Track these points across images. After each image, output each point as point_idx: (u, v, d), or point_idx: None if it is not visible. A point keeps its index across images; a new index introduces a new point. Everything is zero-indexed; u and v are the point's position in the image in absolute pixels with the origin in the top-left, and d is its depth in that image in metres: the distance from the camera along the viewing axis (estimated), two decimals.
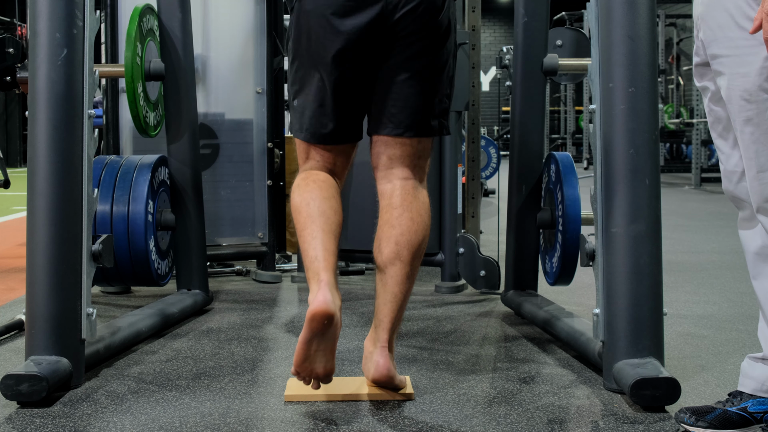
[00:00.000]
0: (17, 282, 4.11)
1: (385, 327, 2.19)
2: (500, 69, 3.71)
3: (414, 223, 2.21)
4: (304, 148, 2.31)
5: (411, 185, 2.25)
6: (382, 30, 2.15)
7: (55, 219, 2.37)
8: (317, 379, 2.07)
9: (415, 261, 2.21)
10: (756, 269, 1.98)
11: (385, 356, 2.18)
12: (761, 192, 1.88)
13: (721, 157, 2.02)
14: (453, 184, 3.81)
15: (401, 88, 2.21)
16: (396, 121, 2.23)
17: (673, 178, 12.59)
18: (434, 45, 2.21)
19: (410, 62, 2.19)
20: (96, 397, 2.28)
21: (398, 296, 2.19)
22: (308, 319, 1.97)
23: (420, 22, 2.16)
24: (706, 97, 2.03)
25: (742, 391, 1.98)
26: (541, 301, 3.23)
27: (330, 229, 2.14)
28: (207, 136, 4.04)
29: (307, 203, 2.18)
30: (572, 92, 16.87)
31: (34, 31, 2.43)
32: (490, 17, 22.61)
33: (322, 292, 2.00)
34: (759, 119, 1.85)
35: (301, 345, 2.00)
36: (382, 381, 2.19)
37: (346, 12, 2.14)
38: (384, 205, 2.25)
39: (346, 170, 2.35)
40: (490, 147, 5.86)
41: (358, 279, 4.23)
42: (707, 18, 1.93)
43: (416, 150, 2.27)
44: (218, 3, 4.12)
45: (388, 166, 2.27)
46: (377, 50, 2.18)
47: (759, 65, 1.83)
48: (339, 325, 2.02)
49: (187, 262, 3.44)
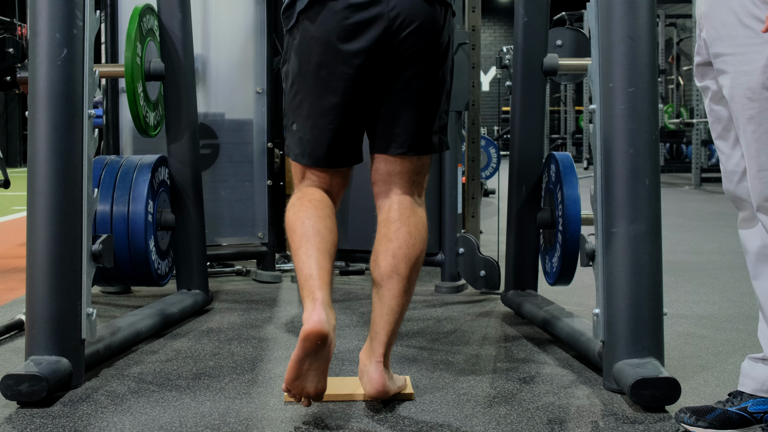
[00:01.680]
0: (17, 282, 4.11)
1: (381, 341, 2.18)
2: (500, 69, 3.71)
3: (411, 237, 2.20)
4: (300, 168, 2.28)
5: (409, 201, 2.25)
6: (386, 51, 2.13)
7: (55, 219, 2.37)
8: (308, 397, 2.05)
9: (413, 275, 2.20)
10: (756, 269, 1.98)
11: (380, 372, 2.17)
12: (761, 191, 1.88)
13: (721, 158, 2.02)
14: (453, 184, 3.81)
15: (404, 107, 2.20)
16: (399, 141, 2.22)
17: (673, 178, 12.59)
18: (436, 64, 2.20)
19: (412, 82, 2.18)
20: (96, 397, 2.28)
21: (395, 309, 2.18)
22: (302, 338, 1.96)
23: (422, 43, 2.15)
24: (707, 97, 2.03)
25: (743, 391, 1.98)
26: (541, 301, 3.23)
27: (325, 248, 2.12)
28: (207, 136, 4.04)
29: (302, 222, 2.16)
30: (572, 92, 16.87)
31: (34, 31, 2.43)
32: (490, 17, 22.61)
33: (317, 312, 1.98)
34: (761, 117, 1.85)
35: (293, 363, 1.98)
36: (378, 397, 2.19)
37: (348, 36, 2.11)
38: (382, 219, 2.25)
39: (342, 191, 2.33)
40: (490, 147, 5.86)
41: (358, 279, 4.23)
42: (711, 16, 1.93)
43: (416, 167, 2.27)
44: (218, 3, 4.12)
45: (388, 182, 2.26)
46: (381, 72, 2.16)
47: (762, 63, 1.83)
48: (332, 345, 2.01)
49: (187, 262, 3.44)
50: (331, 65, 2.14)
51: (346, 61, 2.13)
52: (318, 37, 2.14)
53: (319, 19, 2.13)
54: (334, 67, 2.14)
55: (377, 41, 2.12)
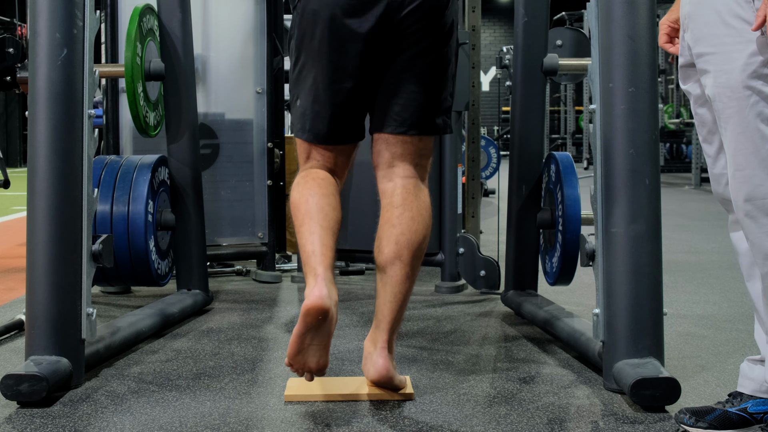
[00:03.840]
0: (17, 282, 4.11)
1: (384, 327, 2.19)
2: (500, 69, 3.71)
3: (415, 223, 2.20)
4: (305, 148, 2.30)
5: (412, 184, 2.25)
6: (389, 28, 2.15)
7: (55, 219, 2.37)
8: (310, 372, 2.07)
9: (416, 261, 2.21)
10: (750, 271, 1.98)
11: (385, 357, 2.18)
12: (737, 190, 1.86)
13: (708, 161, 2.02)
14: (453, 184, 3.81)
15: (406, 86, 2.21)
16: (400, 119, 2.23)
17: (673, 178, 12.59)
18: (439, 43, 2.21)
19: (416, 60, 2.19)
20: (96, 397, 2.28)
21: (398, 296, 2.19)
22: (303, 313, 1.98)
23: (425, 20, 2.16)
24: (691, 101, 2.03)
25: (742, 392, 1.98)
26: (541, 301, 3.23)
27: (328, 225, 2.14)
28: (207, 136, 4.04)
29: (305, 200, 2.17)
30: (572, 92, 16.86)
31: (34, 31, 2.43)
32: (490, 17, 22.60)
33: (318, 287, 2.00)
34: (739, 117, 1.84)
35: (295, 338, 2.00)
36: (382, 382, 2.19)
37: (352, 11, 2.13)
38: (385, 204, 2.25)
39: (346, 170, 2.35)
40: (490, 147, 5.86)
41: (358, 279, 4.23)
42: (695, 16, 1.93)
43: (419, 148, 2.26)
44: (218, 3, 4.12)
45: (390, 164, 2.26)
46: (384, 49, 2.17)
47: (742, 62, 1.83)
48: (334, 320, 2.02)
49: (187, 262, 3.44)
50: (335, 41, 2.16)
51: (350, 37, 2.15)
52: (320, 11, 2.16)
53: None
54: (337, 43, 2.16)
55: (381, 18, 2.13)
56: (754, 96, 1.82)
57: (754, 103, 1.82)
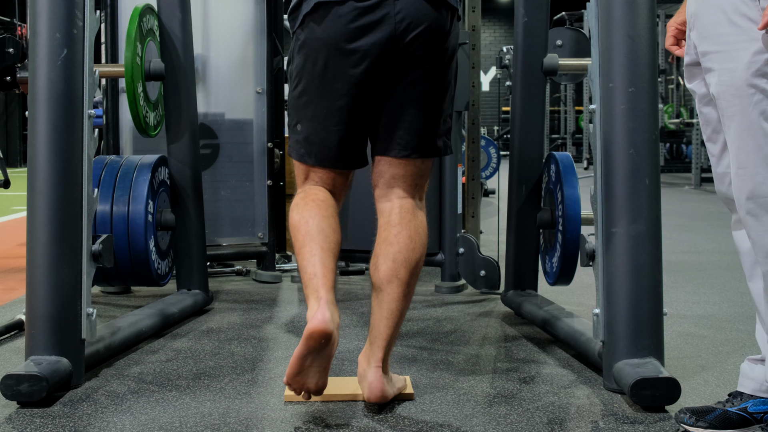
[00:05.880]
0: (17, 282, 4.11)
1: (380, 345, 2.18)
2: (500, 69, 3.71)
3: (412, 241, 2.20)
4: (303, 169, 2.28)
5: (410, 204, 2.25)
6: (393, 54, 2.13)
7: (55, 219, 2.37)
8: (308, 392, 2.06)
9: (412, 279, 2.20)
10: (751, 270, 1.98)
11: (379, 377, 2.16)
12: (740, 188, 1.87)
13: (711, 160, 2.02)
14: (453, 184, 3.81)
15: (409, 109, 2.20)
16: (403, 143, 2.22)
17: (673, 178, 12.59)
18: (442, 67, 2.21)
19: (418, 85, 2.18)
20: (96, 397, 2.28)
21: (395, 313, 2.18)
22: (306, 336, 1.96)
23: (429, 45, 2.15)
24: (696, 99, 2.03)
25: (742, 392, 1.98)
26: (541, 301, 3.23)
27: (329, 247, 2.13)
28: (207, 136, 4.04)
29: (306, 221, 2.16)
30: (572, 92, 16.86)
31: (34, 31, 2.43)
32: (490, 17, 22.60)
33: (321, 311, 1.99)
34: (742, 115, 1.85)
35: (296, 360, 1.98)
36: (377, 402, 2.18)
37: (356, 38, 2.12)
38: (383, 223, 2.25)
39: (344, 192, 2.33)
40: (490, 147, 5.86)
41: (358, 279, 4.23)
42: (700, 15, 1.93)
43: (419, 170, 2.27)
44: (218, 3, 4.12)
45: (389, 185, 2.26)
46: (389, 74, 2.16)
47: (746, 60, 1.83)
48: (336, 344, 2.01)
49: (187, 262, 3.44)
50: (338, 67, 2.15)
51: (352, 64, 2.14)
52: (324, 39, 2.14)
53: (325, 21, 2.13)
54: (340, 70, 2.15)
55: (383, 44, 2.12)
56: (757, 94, 1.82)
57: (757, 101, 1.83)
